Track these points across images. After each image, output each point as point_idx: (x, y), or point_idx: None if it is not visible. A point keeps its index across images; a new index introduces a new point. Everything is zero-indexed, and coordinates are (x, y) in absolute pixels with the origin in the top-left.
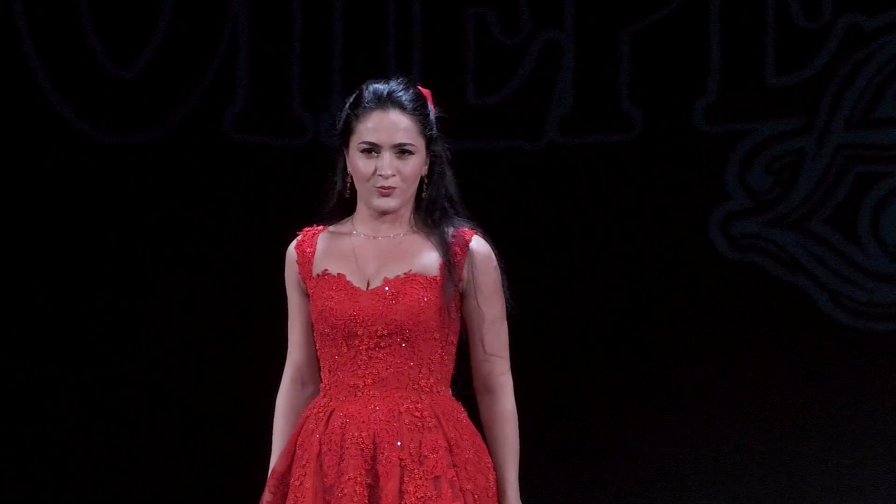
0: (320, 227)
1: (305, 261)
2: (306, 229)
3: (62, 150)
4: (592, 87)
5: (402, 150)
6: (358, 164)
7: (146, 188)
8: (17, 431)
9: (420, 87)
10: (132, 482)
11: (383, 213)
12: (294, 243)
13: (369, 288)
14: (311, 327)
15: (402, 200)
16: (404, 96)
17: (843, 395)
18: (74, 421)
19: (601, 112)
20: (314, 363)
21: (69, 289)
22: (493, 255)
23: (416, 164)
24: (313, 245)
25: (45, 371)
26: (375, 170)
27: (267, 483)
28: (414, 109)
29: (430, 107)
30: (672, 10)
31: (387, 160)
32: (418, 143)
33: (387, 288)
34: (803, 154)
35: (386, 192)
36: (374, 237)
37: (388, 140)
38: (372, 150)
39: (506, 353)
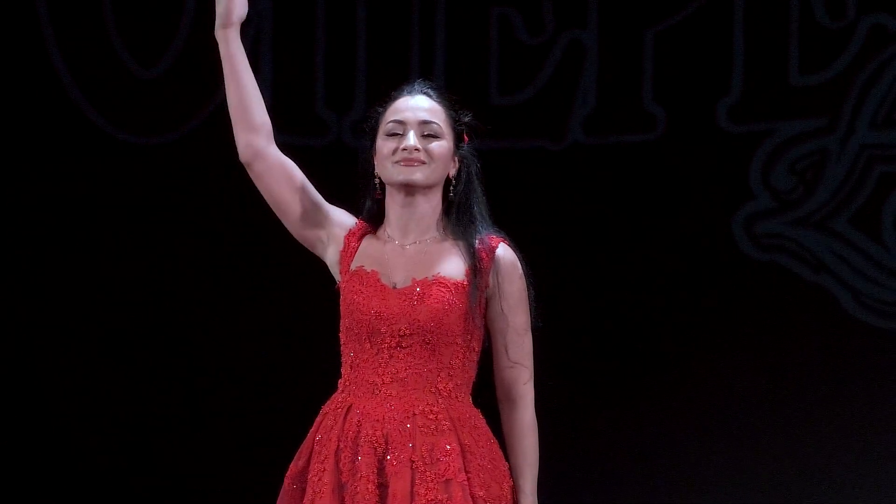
0: (368, 227)
1: (349, 252)
2: (360, 223)
3: (85, 149)
4: (616, 86)
5: (428, 131)
6: (383, 146)
7: (169, 188)
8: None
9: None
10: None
11: (407, 186)
12: (352, 227)
13: (397, 288)
14: (300, 188)
15: (426, 177)
16: (432, 87)
17: (867, 395)
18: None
19: (624, 112)
20: (267, 132)
21: (93, 288)
22: (520, 265)
23: (443, 148)
24: (359, 241)
25: (62, 370)
26: (398, 148)
27: (286, 478)
28: (440, 98)
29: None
30: (695, 9)
31: (412, 136)
32: (446, 130)
33: (417, 289)
34: (827, 154)
35: (409, 161)
36: (403, 245)
37: (414, 117)
38: (397, 129)
39: (529, 364)
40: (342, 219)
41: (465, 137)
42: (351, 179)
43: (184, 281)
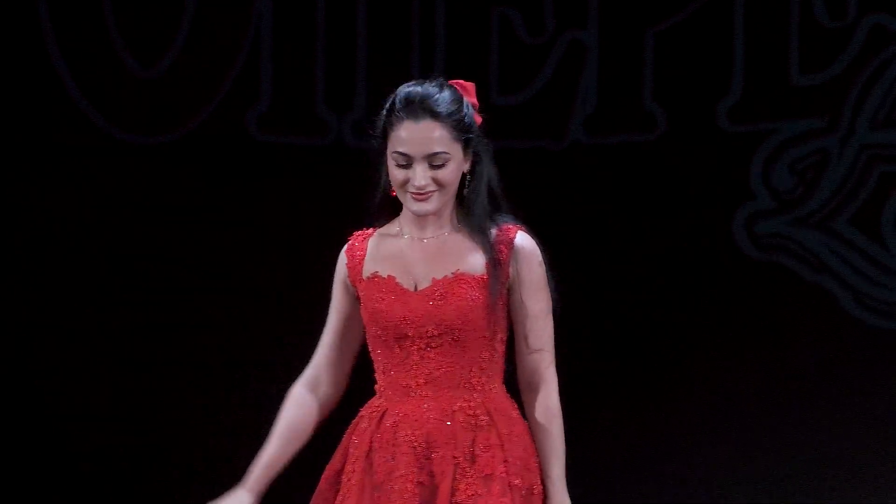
0: (370, 231)
1: (355, 264)
2: (356, 233)
3: (85, 149)
4: (616, 86)
5: (436, 161)
6: (393, 171)
7: (170, 188)
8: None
9: (461, 82)
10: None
11: (422, 215)
12: (345, 247)
13: (418, 290)
14: (344, 329)
15: (439, 203)
16: (437, 102)
17: (867, 395)
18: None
19: (625, 112)
20: (335, 366)
21: (93, 288)
22: (538, 251)
23: (452, 170)
24: (363, 248)
25: (62, 370)
26: (409, 179)
27: (321, 480)
28: (448, 115)
29: (471, 100)
30: (696, 9)
31: (419, 171)
32: (453, 149)
33: (436, 289)
34: (827, 154)
35: (421, 196)
36: (420, 239)
37: (420, 151)
38: (403, 161)
39: (551, 348)
40: (341, 269)
41: (477, 119)
42: (351, 179)
43: (184, 281)
